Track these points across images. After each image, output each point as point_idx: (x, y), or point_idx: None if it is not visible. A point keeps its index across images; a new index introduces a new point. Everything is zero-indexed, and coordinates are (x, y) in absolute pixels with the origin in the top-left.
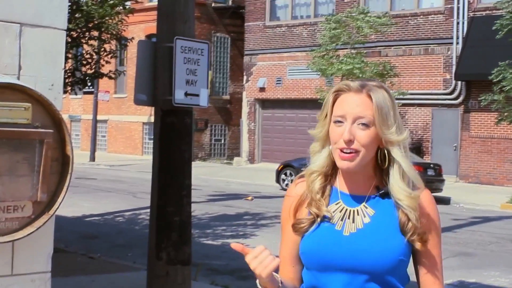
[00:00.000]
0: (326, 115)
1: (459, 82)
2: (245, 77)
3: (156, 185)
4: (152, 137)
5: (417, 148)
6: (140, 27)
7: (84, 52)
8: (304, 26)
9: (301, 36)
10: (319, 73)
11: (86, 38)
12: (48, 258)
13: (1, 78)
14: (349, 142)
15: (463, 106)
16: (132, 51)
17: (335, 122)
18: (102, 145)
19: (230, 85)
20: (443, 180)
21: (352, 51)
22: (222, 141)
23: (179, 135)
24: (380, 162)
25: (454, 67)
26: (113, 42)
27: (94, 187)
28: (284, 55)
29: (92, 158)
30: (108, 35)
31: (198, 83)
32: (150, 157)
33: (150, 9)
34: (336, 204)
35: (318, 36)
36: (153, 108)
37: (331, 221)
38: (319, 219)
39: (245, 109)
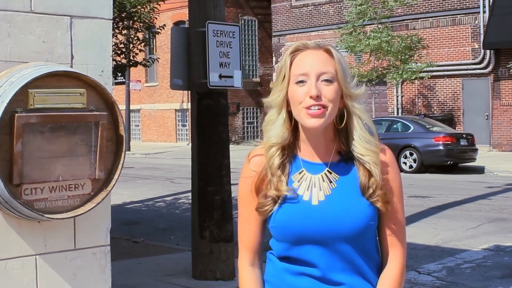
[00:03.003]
0: (284, 77)
1: (488, 51)
2: (274, 59)
3: (196, 167)
4: (185, 123)
5: (449, 119)
6: (167, 15)
7: (118, 42)
8: (331, 4)
9: (328, 14)
10: (347, 50)
11: (120, 28)
12: (106, 232)
13: (58, 67)
14: (317, 97)
15: (493, 75)
16: (161, 39)
17: (297, 82)
18: (136, 134)
19: (260, 68)
20: (476, 150)
21: (379, 26)
22: (255, 124)
23: (216, 116)
24: (336, 123)
25: (482, 36)
26: (144, 30)
27: (132, 175)
28: (312, 34)
29: (128, 148)
30: (141, 24)
31: (231, 65)
32: (184, 144)
33: None
34: (300, 173)
35: (345, 13)
36: (185, 94)
37: (298, 192)
38: (280, 200)
39: None
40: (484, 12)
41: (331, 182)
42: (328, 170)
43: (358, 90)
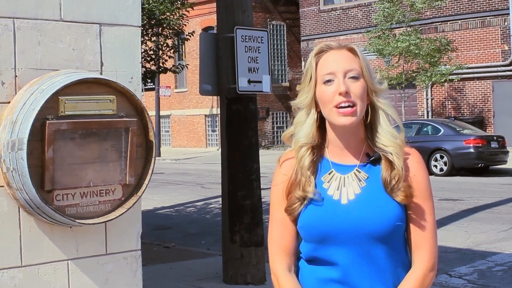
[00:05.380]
0: (311, 78)
1: None
2: (303, 63)
3: (226, 171)
4: (215, 129)
5: (479, 121)
6: (196, 21)
7: (147, 48)
8: (359, 7)
9: (356, 18)
10: (376, 53)
11: (149, 35)
12: (137, 237)
13: (87, 74)
14: (346, 94)
15: None
16: (190, 45)
17: (325, 82)
18: (166, 140)
19: (289, 72)
20: (507, 152)
21: (408, 29)
22: (285, 128)
23: (245, 121)
24: (364, 119)
25: (511, 38)
26: (173, 37)
27: (163, 181)
28: (340, 38)
29: (158, 154)
30: (170, 31)
31: (260, 70)
32: (214, 149)
33: (205, 3)
34: (329, 173)
35: (373, 17)
36: (215, 100)
37: (328, 192)
38: (306, 200)
39: None
40: None
41: (360, 180)
42: (357, 170)
43: (382, 85)
